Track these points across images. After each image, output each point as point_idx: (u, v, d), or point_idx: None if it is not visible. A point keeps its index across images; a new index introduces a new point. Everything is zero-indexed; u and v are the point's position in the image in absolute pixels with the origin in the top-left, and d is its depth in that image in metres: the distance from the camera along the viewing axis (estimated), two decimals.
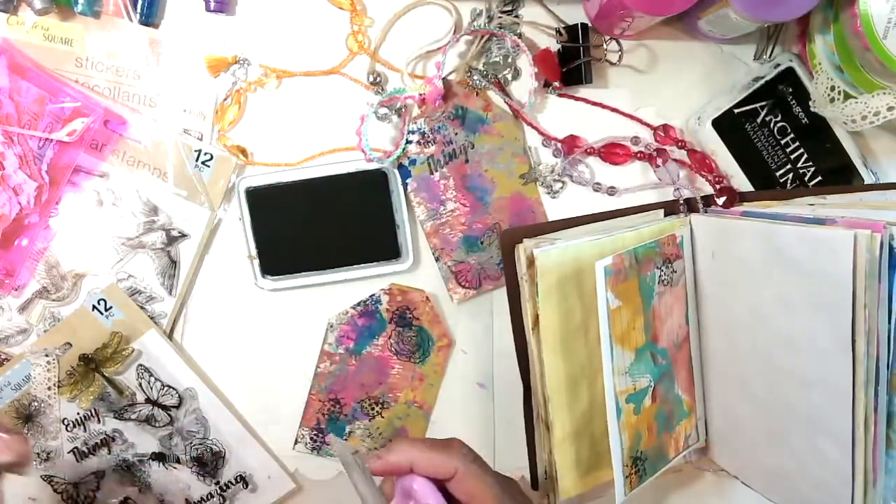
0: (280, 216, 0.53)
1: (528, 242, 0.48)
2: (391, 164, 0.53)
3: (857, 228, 0.39)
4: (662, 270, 0.48)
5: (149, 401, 0.55)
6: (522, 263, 0.48)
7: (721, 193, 0.52)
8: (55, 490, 0.56)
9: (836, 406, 0.41)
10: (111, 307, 0.53)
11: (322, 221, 0.53)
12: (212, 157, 0.52)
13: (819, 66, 0.50)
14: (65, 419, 0.54)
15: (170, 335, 0.55)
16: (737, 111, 0.53)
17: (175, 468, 0.56)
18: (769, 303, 0.45)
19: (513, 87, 0.54)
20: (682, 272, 0.50)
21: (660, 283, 0.48)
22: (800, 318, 0.43)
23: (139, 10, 0.51)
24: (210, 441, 0.56)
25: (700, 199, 0.52)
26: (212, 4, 0.51)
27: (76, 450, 0.55)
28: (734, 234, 0.47)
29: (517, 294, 0.50)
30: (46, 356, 0.53)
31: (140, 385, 0.55)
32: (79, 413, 0.54)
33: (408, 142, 0.53)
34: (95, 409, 0.55)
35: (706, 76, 0.54)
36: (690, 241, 0.51)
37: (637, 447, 0.47)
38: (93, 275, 0.54)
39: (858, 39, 0.45)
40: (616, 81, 0.54)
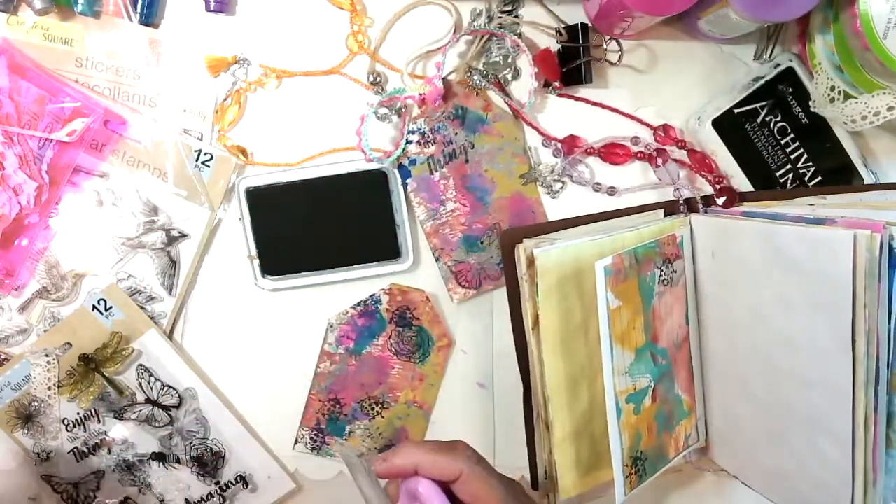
0: (280, 216, 0.53)
1: (528, 242, 0.48)
2: (391, 164, 0.53)
3: (857, 228, 0.39)
4: (662, 270, 0.48)
5: (149, 401, 0.55)
6: (522, 263, 0.48)
7: (721, 193, 0.52)
8: (55, 490, 0.56)
9: (836, 406, 0.41)
10: (111, 307, 0.53)
11: (322, 221, 0.53)
12: (212, 157, 0.52)
13: (819, 66, 0.50)
14: (65, 419, 0.54)
15: (170, 335, 0.55)
16: (737, 111, 0.53)
17: (175, 468, 0.56)
18: (769, 303, 0.45)
19: (513, 87, 0.54)
20: (682, 272, 0.50)
21: (660, 283, 0.48)
22: (800, 318, 0.43)
23: (139, 10, 0.51)
24: (210, 441, 0.56)
25: (700, 199, 0.52)
26: (212, 4, 0.51)
27: (76, 450, 0.55)
28: (734, 234, 0.47)
29: (517, 294, 0.50)
30: (46, 356, 0.53)
31: (140, 385, 0.55)
32: (79, 413, 0.55)
33: (408, 142, 0.53)
34: (95, 409, 0.55)
35: (706, 76, 0.54)
36: (690, 241, 0.51)
37: (637, 447, 0.47)
38: (93, 275, 0.54)
39: (858, 39, 0.45)
40: (616, 81, 0.54)
